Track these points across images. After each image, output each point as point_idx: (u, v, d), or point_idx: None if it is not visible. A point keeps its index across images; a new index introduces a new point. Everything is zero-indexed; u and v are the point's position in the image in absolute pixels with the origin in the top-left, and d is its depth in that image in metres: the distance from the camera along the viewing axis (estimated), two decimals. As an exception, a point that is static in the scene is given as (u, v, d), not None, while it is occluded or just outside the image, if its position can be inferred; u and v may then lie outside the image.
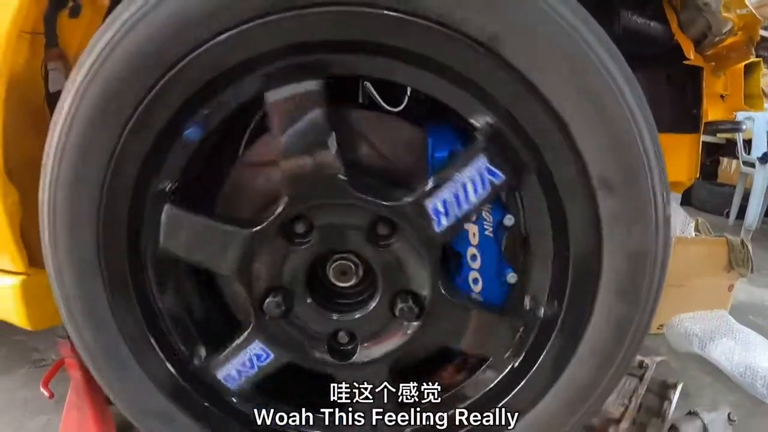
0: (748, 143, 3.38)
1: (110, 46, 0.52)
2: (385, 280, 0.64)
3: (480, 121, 0.58)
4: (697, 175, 1.00)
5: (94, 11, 0.67)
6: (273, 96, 0.57)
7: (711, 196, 3.98)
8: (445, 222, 0.59)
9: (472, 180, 0.57)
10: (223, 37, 0.52)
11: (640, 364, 1.14)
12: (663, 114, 0.91)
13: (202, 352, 0.69)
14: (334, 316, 0.67)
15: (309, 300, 0.66)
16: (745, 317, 1.76)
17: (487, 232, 0.65)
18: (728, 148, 3.77)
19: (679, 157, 0.95)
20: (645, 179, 0.56)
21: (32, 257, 0.70)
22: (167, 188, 0.62)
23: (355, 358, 0.67)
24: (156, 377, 0.67)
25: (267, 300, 0.64)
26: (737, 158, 3.47)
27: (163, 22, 0.52)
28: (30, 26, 0.63)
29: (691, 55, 0.80)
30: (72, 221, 0.58)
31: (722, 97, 0.98)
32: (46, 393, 1.00)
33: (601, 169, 0.56)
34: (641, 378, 1.08)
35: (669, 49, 0.81)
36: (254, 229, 0.61)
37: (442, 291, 0.63)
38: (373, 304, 0.66)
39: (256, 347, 0.66)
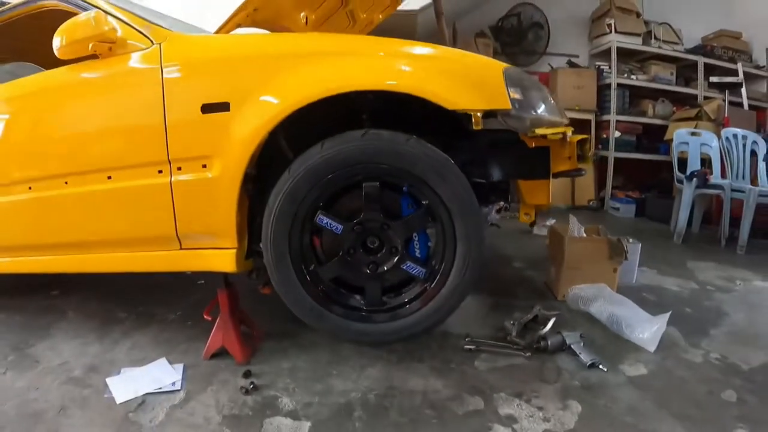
0: (685, 162, 3.98)
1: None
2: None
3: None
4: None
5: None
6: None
7: (659, 208, 4.60)
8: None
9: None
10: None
11: (532, 307, 1.96)
12: (530, 169, 1.71)
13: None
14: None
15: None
16: (640, 294, 2.44)
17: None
18: (682, 166, 4.32)
19: (540, 191, 1.72)
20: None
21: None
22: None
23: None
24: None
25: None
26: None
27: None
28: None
29: (532, 145, 1.62)
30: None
31: (569, 158, 1.70)
32: (208, 318, 1.71)
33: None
34: (529, 313, 1.90)
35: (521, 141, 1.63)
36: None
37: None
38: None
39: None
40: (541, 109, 1.60)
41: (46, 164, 1.75)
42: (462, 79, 1.50)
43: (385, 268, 1.62)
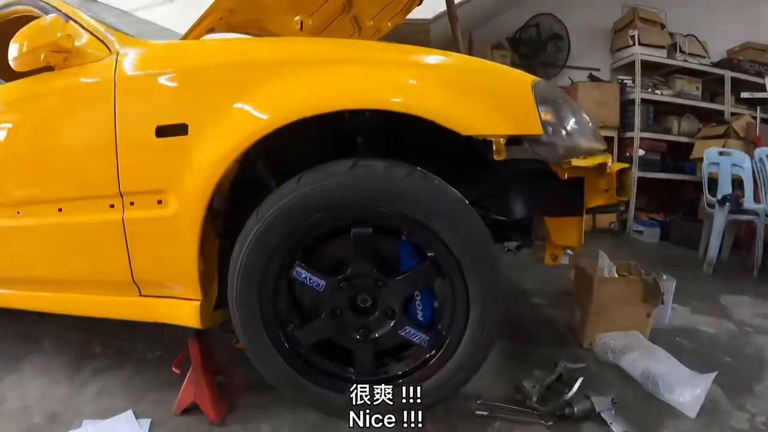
0: (715, 184, 3.75)
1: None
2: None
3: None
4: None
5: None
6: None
7: (684, 231, 4.33)
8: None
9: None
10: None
11: (556, 364, 1.68)
12: (562, 205, 1.45)
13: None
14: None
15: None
16: (673, 338, 2.18)
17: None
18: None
19: (571, 230, 1.48)
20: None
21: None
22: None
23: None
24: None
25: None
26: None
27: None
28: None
29: (565, 177, 1.32)
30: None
31: (606, 191, 1.44)
32: (176, 371, 1.51)
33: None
34: (554, 372, 1.62)
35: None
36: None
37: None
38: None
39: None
40: (577, 134, 1.32)
41: (-5, 191, 1.52)
42: (481, 97, 1.23)
43: (378, 335, 1.34)
